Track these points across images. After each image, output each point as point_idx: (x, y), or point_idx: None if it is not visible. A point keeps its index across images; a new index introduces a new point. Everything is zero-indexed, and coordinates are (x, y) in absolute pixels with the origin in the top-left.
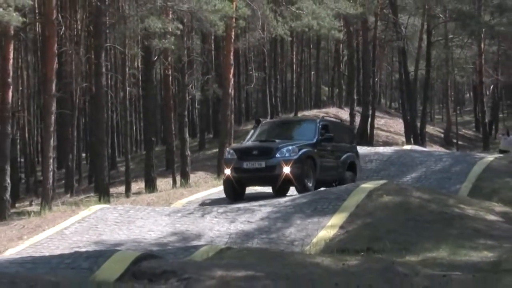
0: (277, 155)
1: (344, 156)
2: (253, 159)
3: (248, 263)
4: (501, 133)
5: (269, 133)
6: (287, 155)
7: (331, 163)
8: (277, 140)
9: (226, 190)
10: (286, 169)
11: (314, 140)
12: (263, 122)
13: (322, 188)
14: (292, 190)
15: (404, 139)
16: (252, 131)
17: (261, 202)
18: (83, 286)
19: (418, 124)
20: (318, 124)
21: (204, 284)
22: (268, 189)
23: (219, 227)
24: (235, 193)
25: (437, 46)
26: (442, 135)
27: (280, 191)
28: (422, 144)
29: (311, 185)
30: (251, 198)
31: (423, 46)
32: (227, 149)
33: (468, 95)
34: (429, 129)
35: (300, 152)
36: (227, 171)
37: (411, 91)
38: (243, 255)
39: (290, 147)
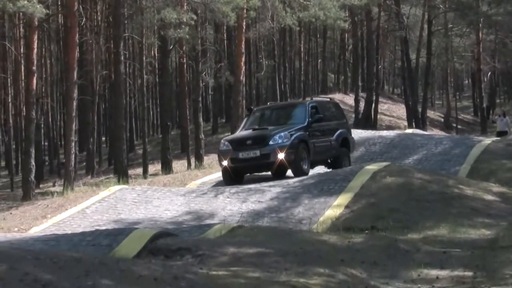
0: (271, 142)
1: (337, 133)
2: (248, 149)
3: (259, 241)
4: (498, 115)
5: (261, 120)
6: (280, 141)
7: (324, 143)
8: (269, 127)
9: (225, 179)
10: (281, 155)
11: (305, 123)
12: (255, 109)
13: (324, 170)
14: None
15: (406, 123)
16: (245, 119)
17: (271, 183)
18: (103, 262)
19: (420, 109)
20: (307, 107)
21: (217, 260)
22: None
23: (231, 207)
24: (233, 181)
25: (437, 35)
26: (442, 120)
27: (277, 175)
28: (423, 128)
29: (306, 168)
30: (260, 179)
31: (424, 35)
32: (222, 140)
33: (467, 81)
34: (430, 113)
35: (293, 137)
36: (225, 162)
37: (412, 78)
38: (254, 233)
39: (282, 133)
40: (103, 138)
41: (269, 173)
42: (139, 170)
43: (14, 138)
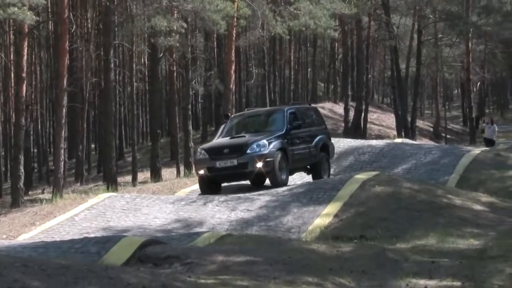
0: (248, 151)
1: (316, 139)
2: (225, 158)
3: (248, 249)
4: (485, 122)
5: (238, 127)
6: (257, 150)
7: (303, 150)
8: (247, 135)
9: (202, 188)
10: (259, 164)
11: (284, 130)
12: (232, 116)
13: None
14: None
15: (395, 133)
16: (222, 126)
17: (260, 192)
18: (92, 270)
19: (409, 119)
20: (286, 113)
21: (206, 268)
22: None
23: (220, 215)
24: (211, 190)
25: (427, 45)
26: (432, 129)
27: (256, 184)
28: (412, 137)
29: (284, 177)
30: (249, 188)
31: (414, 45)
32: (199, 149)
33: (456, 91)
34: (419, 123)
35: (271, 146)
36: (201, 172)
37: (402, 87)
38: (242, 241)
39: (260, 142)
40: (93, 145)
41: (248, 182)
42: (128, 178)
43: (3, 144)
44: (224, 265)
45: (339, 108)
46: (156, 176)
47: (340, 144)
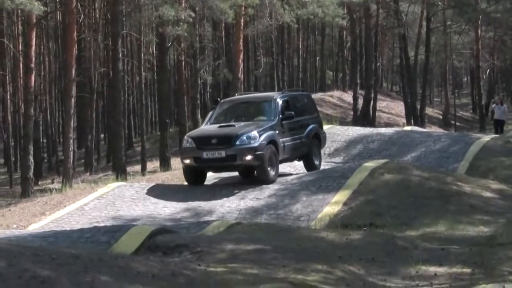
0: (237, 142)
1: (308, 129)
2: (212, 148)
3: (257, 238)
4: (495, 103)
5: (228, 114)
6: (247, 142)
7: (295, 141)
8: (236, 124)
9: (187, 178)
10: (248, 157)
11: (275, 121)
12: (222, 101)
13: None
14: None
15: (404, 121)
16: (211, 112)
17: None
18: (102, 259)
19: (418, 106)
20: (277, 102)
21: (215, 257)
22: None
23: (230, 204)
24: (196, 180)
25: (436, 32)
26: (441, 117)
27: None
28: (421, 125)
29: (273, 173)
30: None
31: (422, 33)
32: (185, 137)
33: (465, 78)
34: (429, 111)
35: (261, 138)
36: (187, 161)
37: (411, 75)
38: (252, 230)
39: (250, 133)
40: (102, 135)
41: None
42: (138, 167)
43: (12, 135)
44: (233, 254)
45: (348, 97)
46: (165, 165)
47: (349, 132)
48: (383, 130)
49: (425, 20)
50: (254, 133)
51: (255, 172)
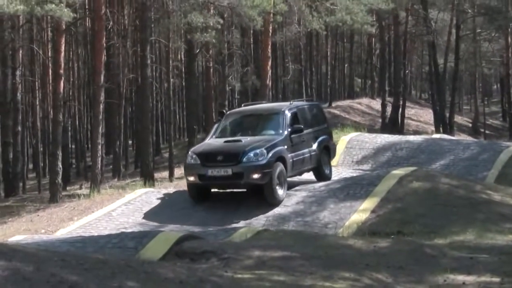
0: (244, 160)
1: (317, 141)
2: (218, 166)
3: (284, 244)
4: None
5: (234, 127)
6: (254, 159)
7: (304, 155)
8: (243, 139)
9: (191, 194)
10: (255, 176)
11: (283, 135)
12: (228, 113)
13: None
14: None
15: (433, 128)
16: (216, 125)
17: (297, 187)
18: (129, 264)
19: (447, 114)
20: (286, 115)
21: (242, 264)
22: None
23: (257, 210)
24: (201, 196)
25: (465, 39)
26: (470, 125)
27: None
28: (450, 133)
29: (282, 192)
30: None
31: (452, 40)
32: (190, 152)
33: (495, 86)
34: (458, 118)
35: (269, 155)
36: (191, 178)
37: (440, 82)
38: (279, 236)
39: (258, 150)
40: (130, 141)
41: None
42: (165, 173)
43: (41, 140)
44: (260, 260)
45: (376, 104)
46: None
47: (377, 139)
48: (411, 137)
49: (455, 28)
50: (262, 149)
51: (264, 191)
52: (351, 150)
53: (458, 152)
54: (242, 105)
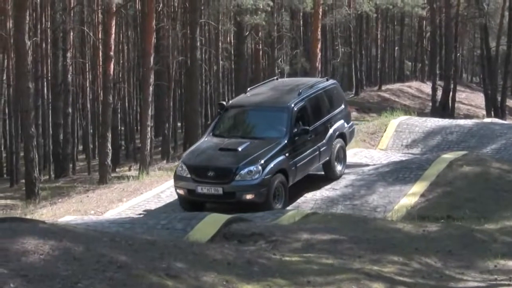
0: (237, 178)
1: (330, 132)
2: (208, 183)
3: (332, 228)
4: None
5: (233, 124)
6: (248, 178)
7: (313, 153)
8: (239, 147)
9: (182, 206)
10: (248, 196)
11: (286, 139)
12: (228, 104)
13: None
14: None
15: (484, 112)
16: (215, 120)
17: (345, 170)
18: (178, 246)
19: (499, 98)
20: (291, 112)
21: (290, 246)
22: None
23: (306, 193)
24: (194, 209)
25: None
26: None
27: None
28: (502, 117)
29: (280, 206)
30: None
31: (504, 23)
32: (180, 162)
33: None
34: (510, 102)
35: (267, 169)
36: (181, 192)
37: (492, 66)
38: (327, 220)
39: (252, 167)
40: (179, 124)
41: None
42: None
43: (91, 122)
44: (308, 243)
45: (427, 87)
46: None
47: (427, 123)
48: (462, 121)
49: (508, 10)
50: (258, 167)
51: (260, 207)
52: (400, 133)
53: (509, 137)
54: (248, 89)
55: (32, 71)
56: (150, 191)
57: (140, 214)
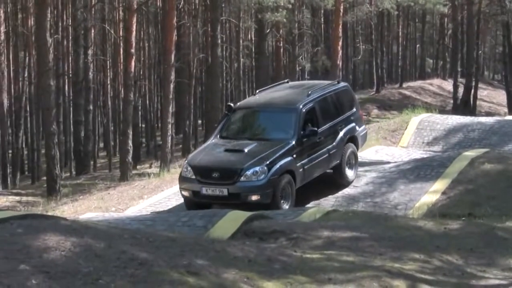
0: (242, 179)
1: (340, 136)
2: (213, 184)
3: (353, 225)
4: None
5: (241, 126)
6: (253, 179)
7: (322, 156)
8: (246, 148)
9: (188, 207)
10: (253, 197)
11: (294, 140)
12: (235, 107)
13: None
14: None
15: (506, 110)
16: (223, 121)
17: (366, 168)
18: (198, 243)
19: None
20: (299, 113)
21: (311, 243)
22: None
23: (326, 191)
24: (199, 209)
25: None
26: None
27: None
28: None
29: (287, 207)
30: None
31: None
32: (185, 163)
33: None
34: None
35: (272, 170)
36: (185, 193)
37: None
38: (348, 217)
39: (257, 168)
40: (199, 121)
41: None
42: None
43: (112, 119)
44: (329, 241)
45: (448, 85)
46: None
47: (449, 121)
48: (483, 119)
49: None
50: (263, 167)
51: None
52: (422, 131)
53: None
54: (257, 91)
55: (54, 69)
56: (171, 188)
57: (160, 211)
